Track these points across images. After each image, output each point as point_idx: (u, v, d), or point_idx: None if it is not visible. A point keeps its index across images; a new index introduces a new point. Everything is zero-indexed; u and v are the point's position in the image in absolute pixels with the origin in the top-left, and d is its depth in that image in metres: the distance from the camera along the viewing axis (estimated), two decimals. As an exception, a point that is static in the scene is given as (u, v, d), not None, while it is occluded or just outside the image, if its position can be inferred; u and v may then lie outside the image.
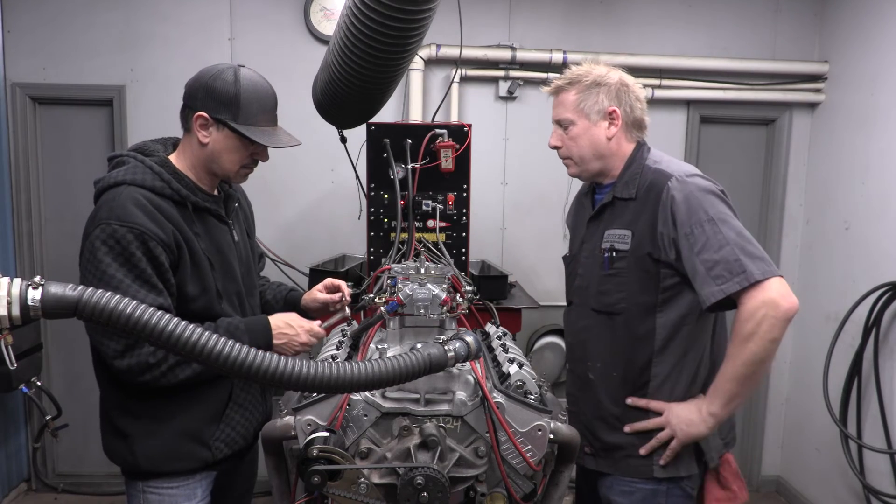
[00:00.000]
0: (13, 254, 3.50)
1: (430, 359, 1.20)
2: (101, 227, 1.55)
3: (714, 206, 1.62)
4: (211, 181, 1.77)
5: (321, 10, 3.43)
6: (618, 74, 1.82)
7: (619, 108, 1.78)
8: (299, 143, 1.76)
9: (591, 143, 1.80)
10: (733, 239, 1.57)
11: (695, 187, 1.65)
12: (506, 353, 1.73)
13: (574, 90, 1.80)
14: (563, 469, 1.49)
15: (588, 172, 1.85)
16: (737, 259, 1.55)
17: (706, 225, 1.60)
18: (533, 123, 3.61)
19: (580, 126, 1.80)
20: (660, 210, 1.66)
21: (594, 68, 1.83)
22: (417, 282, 1.57)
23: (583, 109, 1.79)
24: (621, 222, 1.76)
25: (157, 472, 1.69)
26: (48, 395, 3.38)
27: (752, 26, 3.65)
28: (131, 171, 1.64)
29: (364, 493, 1.30)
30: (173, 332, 1.02)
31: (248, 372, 1.06)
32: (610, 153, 1.80)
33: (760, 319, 1.53)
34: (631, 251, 1.71)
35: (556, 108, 1.85)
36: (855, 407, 3.18)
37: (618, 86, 1.79)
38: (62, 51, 3.39)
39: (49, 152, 3.53)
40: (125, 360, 1.55)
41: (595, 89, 1.78)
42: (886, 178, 3.11)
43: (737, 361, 1.58)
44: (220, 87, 1.65)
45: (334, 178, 3.55)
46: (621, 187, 1.78)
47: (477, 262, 3.24)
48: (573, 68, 1.86)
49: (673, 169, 1.71)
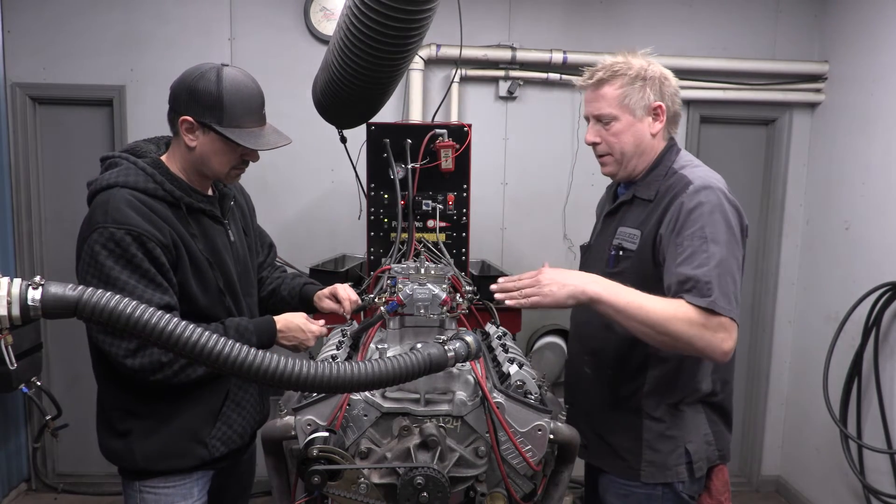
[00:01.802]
0: (13, 254, 3.50)
1: (430, 359, 1.20)
2: (98, 231, 1.54)
3: (714, 226, 1.57)
4: (203, 182, 1.76)
5: (321, 10, 3.43)
6: (658, 66, 1.74)
7: (664, 103, 1.71)
8: (289, 142, 1.73)
9: (635, 140, 1.72)
10: (714, 264, 1.53)
11: (708, 202, 1.59)
12: (506, 353, 1.73)
13: (617, 83, 1.69)
14: (563, 469, 1.49)
15: (626, 171, 1.77)
16: (708, 283, 1.51)
17: (697, 241, 1.56)
18: (533, 123, 3.62)
19: (624, 122, 1.71)
20: (668, 214, 1.63)
21: (634, 60, 1.72)
22: (417, 282, 1.57)
23: (627, 105, 1.69)
24: (634, 221, 1.73)
25: (154, 470, 1.69)
26: (48, 395, 3.38)
27: (752, 26, 3.65)
28: (124, 172, 1.63)
29: (364, 493, 1.30)
30: (173, 331, 1.02)
31: (247, 372, 1.06)
32: (651, 150, 1.74)
33: (698, 334, 1.50)
34: (636, 252, 1.69)
35: (594, 103, 1.74)
36: (855, 407, 3.18)
37: (661, 79, 1.71)
38: (62, 51, 3.39)
39: (49, 152, 3.53)
40: (137, 358, 1.55)
41: (640, 83, 1.69)
42: (886, 178, 3.11)
43: (657, 312, 1.50)
44: (202, 89, 1.62)
45: (334, 178, 3.55)
46: (643, 187, 1.73)
47: (477, 262, 3.24)
48: (607, 60, 1.74)
49: (695, 176, 1.65)
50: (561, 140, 3.65)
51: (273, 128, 1.75)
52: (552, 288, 1.56)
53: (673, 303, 1.53)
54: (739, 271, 1.61)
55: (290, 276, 2.14)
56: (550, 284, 1.56)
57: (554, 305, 1.57)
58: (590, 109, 1.76)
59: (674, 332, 1.51)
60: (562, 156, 3.66)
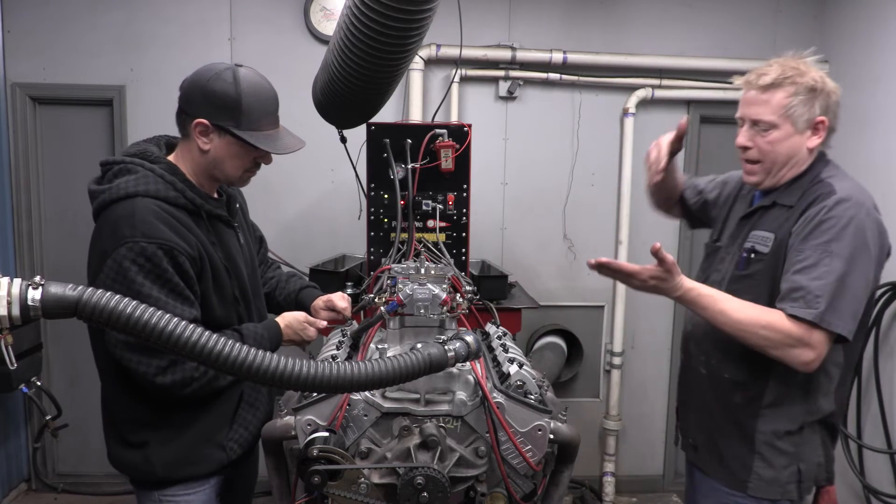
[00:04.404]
0: (13, 254, 3.50)
1: (430, 359, 1.20)
2: (126, 246, 1.48)
3: (842, 241, 1.51)
4: (212, 185, 1.73)
5: (321, 10, 3.43)
6: (829, 79, 1.64)
7: (828, 118, 1.62)
8: (304, 145, 1.71)
9: (790, 152, 1.63)
10: (834, 279, 1.49)
11: (843, 216, 1.53)
12: (506, 353, 1.72)
13: (785, 91, 1.59)
14: (564, 469, 1.49)
15: (772, 180, 1.68)
16: (818, 297, 1.48)
17: (819, 253, 1.51)
18: (533, 123, 3.62)
19: (782, 132, 1.61)
20: (803, 218, 1.57)
21: (809, 69, 1.61)
22: (417, 282, 1.57)
23: (791, 115, 1.60)
24: (770, 225, 1.66)
25: (175, 478, 1.65)
26: (48, 395, 3.38)
27: (752, 26, 3.65)
28: (143, 181, 1.56)
29: (364, 493, 1.30)
30: (173, 331, 1.02)
31: (247, 371, 1.06)
32: (802, 163, 1.66)
33: (786, 345, 1.51)
34: (769, 255, 1.63)
35: (755, 106, 1.64)
36: (855, 407, 3.18)
37: (830, 92, 1.61)
38: (62, 51, 3.39)
39: (49, 152, 3.53)
40: (168, 376, 1.52)
41: (810, 94, 1.59)
42: (886, 178, 3.11)
43: (744, 318, 1.54)
44: (219, 91, 1.57)
45: (334, 178, 3.55)
46: (786, 194, 1.66)
47: (477, 262, 3.24)
48: (777, 63, 1.63)
49: (840, 187, 1.58)
50: (561, 140, 3.65)
51: (286, 130, 1.72)
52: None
53: (765, 313, 1.54)
54: (866, 291, 1.56)
55: (284, 277, 2.12)
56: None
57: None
58: (748, 112, 1.66)
59: (759, 342, 1.53)
60: (562, 156, 3.66)
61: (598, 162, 3.68)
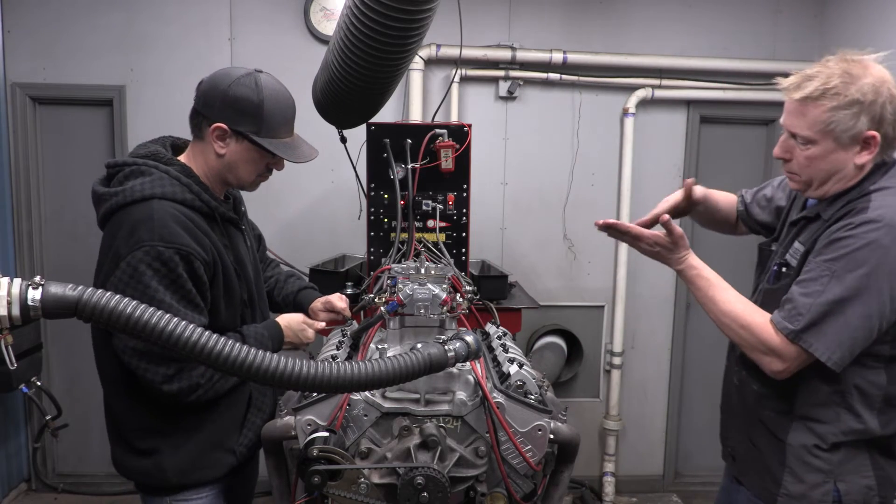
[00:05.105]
0: (13, 254, 3.50)
1: (430, 359, 1.20)
2: (143, 250, 1.46)
3: (851, 264, 1.41)
4: (221, 188, 1.72)
5: (321, 10, 3.43)
6: (887, 86, 1.42)
7: (881, 132, 1.43)
8: (318, 155, 1.73)
9: (831, 169, 1.48)
10: (824, 301, 1.42)
11: (862, 238, 1.41)
12: (506, 353, 1.73)
13: (825, 105, 1.42)
14: (564, 469, 1.49)
15: (814, 193, 1.56)
16: (801, 315, 1.44)
17: (823, 270, 1.43)
18: (533, 123, 3.62)
19: (822, 148, 1.46)
20: (828, 231, 1.48)
21: (863, 73, 1.42)
22: (417, 282, 1.57)
23: (832, 131, 1.43)
24: (806, 236, 1.57)
25: (186, 483, 1.65)
26: (48, 395, 3.38)
27: (752, 27, 3.65)
28: (158, 183, 1.53)
29: (364, 493, 1.30)
30: (173, 331, 1.02)
31: (247, 371, 1.06)
32: (850, 178, 1.50)
33: (758, 350, 1.51)
34: (795, 269, 1.55)
35: (792, 118, 1.50)
36: None
37: (885, 100, 1.41)
38: (62, 51, 3.39)
39: (49, 152, 3.53)
40: (174, 383, 1.51)
41: (856, 108, 1.41)
42: (886, 178, 3.11)
43: (728, 311, 1.57)
44: (241, 97, 1.55)
45: (334, 178, 3.55)
46: (830, 207, 1.53)
47: (477, 262, 3.24)
48: (823, 69, 1.45)
49: (877, 205, 1.43)
50: (561, 140, 3.65)
51: (300, 137, 1.73)
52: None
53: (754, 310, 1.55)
54: (865, 322, 1.42)
55: (283, 277, 2.11)
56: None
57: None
58: (786, 121, 1.53)
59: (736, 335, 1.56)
60: (562, 156, 3.66)
61: (598, 162, 3.68)
